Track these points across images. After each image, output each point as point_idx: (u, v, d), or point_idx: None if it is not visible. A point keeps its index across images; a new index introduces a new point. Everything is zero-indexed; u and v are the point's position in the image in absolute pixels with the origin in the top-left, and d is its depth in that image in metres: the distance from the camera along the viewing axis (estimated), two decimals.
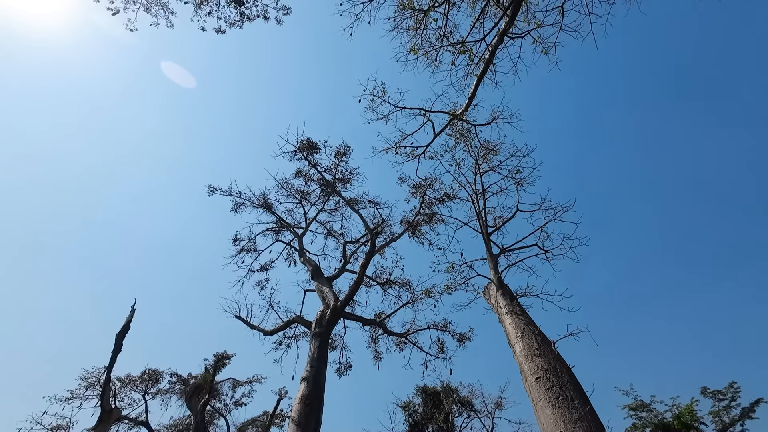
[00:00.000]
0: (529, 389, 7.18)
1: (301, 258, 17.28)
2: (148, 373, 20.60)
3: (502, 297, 9.16)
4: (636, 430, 19.97)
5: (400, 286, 17.74)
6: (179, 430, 21.57)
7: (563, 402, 6.51)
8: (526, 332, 8.00)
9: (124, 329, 11.06)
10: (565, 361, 7.50)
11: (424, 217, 15.79)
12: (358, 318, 16.73)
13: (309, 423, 11.24)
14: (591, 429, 6.10)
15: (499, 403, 23.70)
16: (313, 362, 12.66)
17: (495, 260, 10.12)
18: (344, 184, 16.80)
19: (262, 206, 17.13)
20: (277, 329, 16.30)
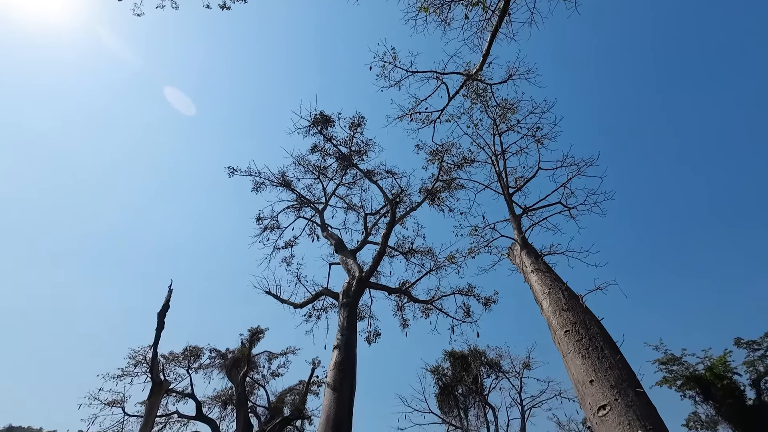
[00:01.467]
0: (558, 342, 7.26)
1: (324, 233, 17.58)
2: (189, 349, 21.84)
3: (527, 256, 9.13)
4: (667, 383, 20.02)
5: (422, 254, 17.90)
6: (223, 400, 22.96)
7: (593, 352, 6.57)
8: (553, 288, 8.01)
9: (164, 308, 11.70)
10: (593, 313, 7.51)
11: (443, 183, 15.67)
12: (383, 287, 17.08)
13: (344, 387, 11.79)
14: (622, 376, 6.16)
15: (527, 363, 24.09)
16: (344, 331, 13.12)
17: (518, 220, 10.02)
18: (360, 156, 16.76)
19: (281, 184, 17.34)
20: (306, 302, 16.86)
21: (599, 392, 6.03)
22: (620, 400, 5.77)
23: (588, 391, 6.20)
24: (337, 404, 11.19)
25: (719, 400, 18.32)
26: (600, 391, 6.01)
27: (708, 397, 18.93)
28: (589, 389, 6.17)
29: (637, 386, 6.10)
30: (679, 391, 19.62)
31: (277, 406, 22.48)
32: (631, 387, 6.03)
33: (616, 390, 5.92)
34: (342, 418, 10.85)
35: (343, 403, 11.24)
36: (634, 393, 5.92)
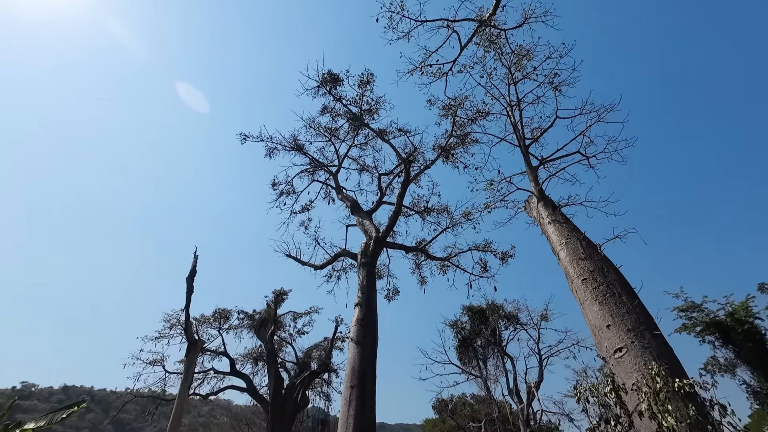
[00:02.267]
0: (575, 291, 7.33)
1: (339, 195, 17.69)
2: (218, 312, 23.04)
3: (544, 208, 9.04)
4: (686, 330, 20.14)
5: (438, 212, 17.90)
6: (254, 357, 24.44)
7: (610, 298, 6.63)
8: (571, 238, 7.97)
9: (192, 273, 12.26)
10: (611, 261, 7.50)
11: (457, 139, 15.33)
12: (400, 246, 17.32)
13: (367, 341, 12.35)
14: (639, 320, 6.24)
15: (545, 315, 24.48)
16: (364, 289, 13.54)
17: (535, 172, 9.82)
18: (371, 116, 16.43)
19: (293, 148, 17.30)
20: (325, 263, 17.33)
21: (616, 336, 6.14)
22: (636, 342, 5.87)
23: (605, 335, 6.32)
24: (361, 356, 11.78)
25: (739, 344, 18.41)
26: (617, 335, 6.12)
27: (727, 341, 19.03)
28: (606, 333, 6.29)
29: (654, 329, 6.17)
30: (698, 337, 19.76)
31: (304, 361, 23.81)
32: (648, 330, 6.11)
33: (632, 333, 6.02)
34: (366, 369, 11.45)
35: (366, 355, 11.81)
36: (651, 335, 6.01)
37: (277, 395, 20.15)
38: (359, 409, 10.78)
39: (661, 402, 3.06)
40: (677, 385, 3.26)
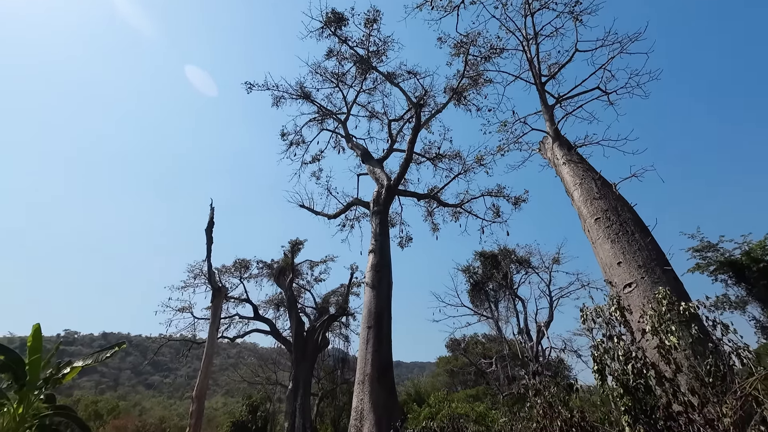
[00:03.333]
0: (587, 230, 7.33)
1: (349, 144, 17.46)
2: (238, 262, 24.00)
3: (559, 148, 8.79)
4: (699, 269, 20.17)
5: (450, 158, 17.61)
6: (275, 303, 25.78)
7: (623, 236, 6.63)
8: (585, 178, 7.83)
9: (210, 224, 12.63)
10: (626, 200, 7.39)
11: (470, 80, 14.65)
12: (412, 194, 17.31)
13: (382, 286, 12.81)
14: (651, 257, 6.27)
15: (557, 259, 24.76)
16: (377, 236, 13.79)
17: (550, 111, 9.43)
18: (379, 58, 15.68)
19: (300, 96, 16.86)
20: (338, 212, 17.55)
21: (626, 272, 6.22)
22: (647, 277, 5.95)
23: (615, 272, 6.41)
24: (377, 299, 12.30)
25: (752, 282, 18.45)
26: (627, 271, 6.20)
27: (741, 279, 19.07)
28: (617, 270, 6.37)
29: (666, 265, 6.21)
30: (711, 276, 19.83)
31: (323, 306, 25.04)
32: (659, 266, 6.16)
33: (643, 269, 6.08)
34: (382, 310, 12.01)
35: (382, 298, 12.32)
36: (662, 271, 6.06)
37: (299, 337, 21.49)
38: (377, 347, 11.45)
39: (665, 322, 3.18)
40: (682, 308, 3.35)
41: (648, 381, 2.94)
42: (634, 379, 2.95)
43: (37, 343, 7.54)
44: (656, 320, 3.23)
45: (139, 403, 48.05)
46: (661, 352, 3.05)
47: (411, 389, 29.14)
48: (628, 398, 2.93)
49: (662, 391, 2.91)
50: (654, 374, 2.94)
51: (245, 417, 22.62)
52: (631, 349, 3.12)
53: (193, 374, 78.22)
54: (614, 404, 2.96)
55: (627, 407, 2.97)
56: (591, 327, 3.62)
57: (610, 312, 3.67)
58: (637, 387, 2.95)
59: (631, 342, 3.30)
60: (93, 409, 27.81)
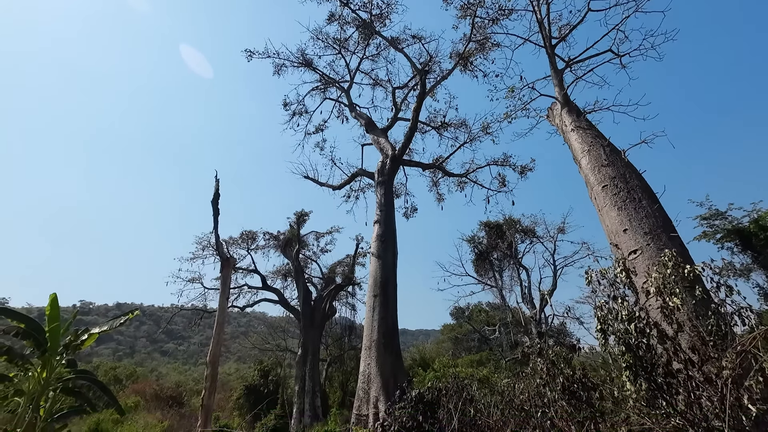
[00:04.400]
0: (594, 198, 7.28)
1: (352, 113, 17.17)
2: (245, 233, 24.28)
3: (568, 114, 8.58)
4: (706, 237, 20.06)
5: (455, 127, 17.32)
6: (282, 273, 26.26)
7: (630, 203, 6.58)
8: (594, 145, 7.69)
9: (216, 196, 12.68)
10: (634, 167, 7.28)
11: (476, 44, 14.15)
12: (417, 164, 17.17)
13: (387, 255, 12.96)
14: (657, 223, 6.23)
15: (562, 228, 24.75)
16: (382, 207, 13.81)
17: (560, 76, 9.13)
18: (382, 21, 15.12)
19: (302, 64, 16.44)
20: (343, 183, 17.52)
21: (632, 239, 6.22)
22: (652, 244, 5.95)
23: (621, 239, 6.40)
24: (383, 269, 12.49)
25: (759, 250, 18.38)
26: (633, 238, 6.19)
27: (747, 247, 18.98)
28: (622, 237, 6.36)
29: (672, 231, 6.19)
30: (718, 244, 19.75)
31: (329, 276, 25.47)
32: (665, 232, 6.14)
33: (649, 236, 6.07)
34: (387, 279, 12.22)
35: (387, 267, 12.51)
36: (668, 237, 6.05)
37: (306, 306, 22.03)
38: (383, 314, 11.75)
39: (669, 284, 3.22)
40: (686, 270, 3.38)
41: (650, 340, 3.02)
42: (636, 338, 3.02)
43: (54, 311, 7.82)
44: (661, 282, 3.25)
45: (156, 369, 50.19)
46: (665, 312, 3.11)
47: (416, 355, 30.06)
48: (629, 355, 3.02)
49: (663, 350, 2.99)
50: (656, 333, 3.01)
51: (257, 381, 23.61)
52: (635, 309, 3.18)
53: (205, 342, 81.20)
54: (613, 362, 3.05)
55: (628, 364, 3.06)
56: (595, 288, 3.67)
57: (616, 273, 3.71)
58: (639, 345, 3.02)
59: (635, 303, 3.35)
60: (112, 374, 29.14)
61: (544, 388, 3.37)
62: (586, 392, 3.16)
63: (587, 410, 3.04)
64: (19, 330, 7.42)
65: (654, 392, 2.87)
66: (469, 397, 4.36)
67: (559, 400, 3.19)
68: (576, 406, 3.13)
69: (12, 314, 7.62)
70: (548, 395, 3.31)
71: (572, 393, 3.20)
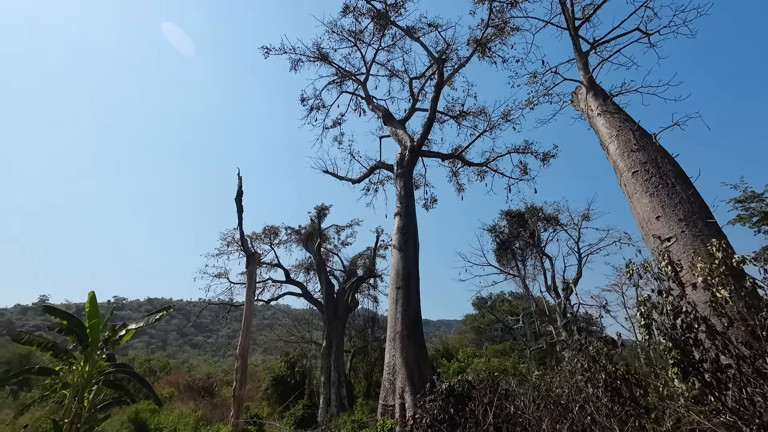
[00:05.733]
0: (624, 185, 7.04)
1: (369, 105, 17.10)
2: (268, 229, 24.72)
3: (594, 98, 8.29)
4: (741, 221, 19.18)
5: (474, 115, 17.03)
6: (305, 267, 26.65)
7: (662, 189, 6.34)
8: (622, 129, 7.42)
9: (239, 193, 12.94)
10: (666, 151, 7.00)
11: (495, 29, 13.78)
12: (436, 154, 17.00)
13: (408, 247, 12.95)
14: (693, 210, 5.99)
15: (586, 215, 24.12)
16: (402, 199, 13.78)
17: (584, 58, 8.80)
18: (397, 11, 14.91)
19: (318, 58, 16.44)
20: (362, 177, 17.55)
21: (665, 226, 5.99)
22: (687, 231, 5.72)
23: (653, 227, 6.19)
24: (404, 261, 12.50)
25: None
26: (666, 225, 5.97)
27: None
28: (655, 225, 6.15)
29: (708, 218, 5.94)
30: (754, 227, 18.85)
31: (351, 269, 25.70)
32: (701, 219, 5.89)
33: (684, 223, 5.83)
34: (409, 271, 12.23)
35: (409, 259, 12.51)
36: (704, 224, 5.81)
37: (329, 299, 22.34)
38: (405, 306, 11.79)
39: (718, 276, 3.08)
40: (734, 260, 3.23)
41: (697, 335, 2.91)
42: (682, 333, 2.92)
43: (93, 308, 8.19)
44: (707, 273, 3.12)
45: (187, 360, 52.13)
46: (713, 306, 2.99)
47: (439, 345, 30.13)
48: (676, 351, 2.92)
49: (712, 345, 2.88)
50: (705, 328, 2.90)
51: (284, 372, 24.19)
52: (680, 303, 3.07)
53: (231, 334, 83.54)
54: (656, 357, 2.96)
55: (676, 360, 2.97)
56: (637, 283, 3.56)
57: (660, 267, 3.58)
58: (686, 341, 2.92)
59: (680, 296, 3.23)
60: (147, 366, 30.42)
61: (586, 384, 3.31)
62: (630, 389, 3.09)
63: (631, 407, 2.97)
64: (63, 326, 7.83)
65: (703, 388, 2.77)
66: (503, 392, 4.32)
67: (602, 397, 3.12)
68: (619, 402, 3.07)
69: (56, 312, 8.03)
70: (589, 391, 3.25)
71: (615, 389, 3.14)
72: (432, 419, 4.45)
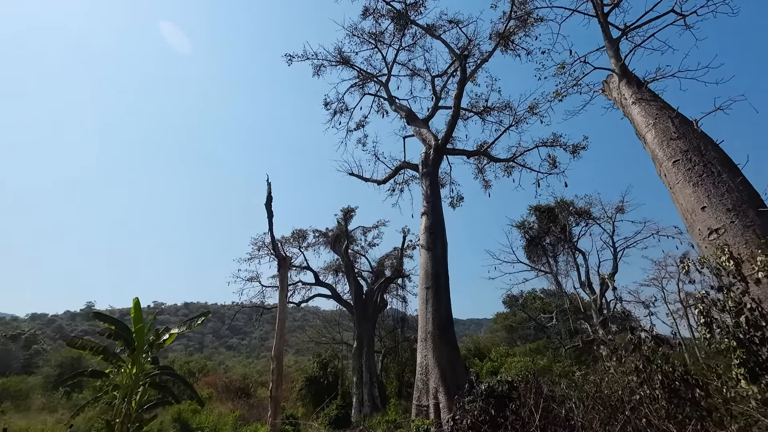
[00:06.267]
0: (664, 175, 6.73)
1: (392, 106, 17.11)
2: (296, 232, 25.20)
3: (627, 86, 7.96)
4: None
5: (499, 110, 16.73)
6: (333, 269, 26.97)
7: (707, 178, 6.01)
8: (660, 117, 7.09)
9: (269, 199, 13.20)
10: (710, 138, 6.63)
11: (517, 21, 13.50)
12: (461, 152, 16.82)
13: (437, 247, 12.87)
14: (742, 198, 5.65)
15: (621, 207, 23.21)
16: (428, 198, 13.71)
17: (615, 45, 8.47)
18: (417, 10, 14.86)
19: (340, 62, 16.61)
20: (387, 177, 17.59)
21: (712, 217, 5.69)
22: (737, 221, 5.40)
23: (698, 218, 5.88)
24: (433, 260, 12.43)
25: None
26: (713, 216, 5.66)
27: None
28: (700, 216, 5.84)
29: (761, 206, 5.59)
30: None
31: (378, 270, 25.79)
32: (752, 207, 5.55)
33: (732, 213, 5.52)
34: (438, 271, 12.15)
35: (437, 259, 12.43)
36: (755, 213, 5.47)
37: (358, 300, 22.51)
38: (436, 306, 11.72)
39: None
40: None
41: (765, 333, 2.74)
42: (747, 331, 2.76)
43: (138, 314, 8.60)
44: None
45: (223, 362, 53.83)
46: None
47: (470, 345, 29.75)
48: (741, 351, 2.76)
49: None
50: None
51: (317, 373, 24.56)
52: (744, 300, 2.90)
53: (264, 336, 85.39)
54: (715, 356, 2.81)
55: (741, 360, 2.81)
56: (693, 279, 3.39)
57: (719, 262, 3.39)
58: (752, 339, 2.76)
59: (742, 293, 3.05)
60: (186, 368, 31.63)
61: (641, 386, 3.18)
62: (690, 390, 2.94)
63: (692, 409, 2.83)
64: (111, 331, 8.27)
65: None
66: (551, 393, 4.21)
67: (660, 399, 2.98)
68: (678, 404, 2.92)
69: (104, 318, 8.48)
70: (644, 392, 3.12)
71: (673, 390, 3.00)
72: (473, 420, 4.40)
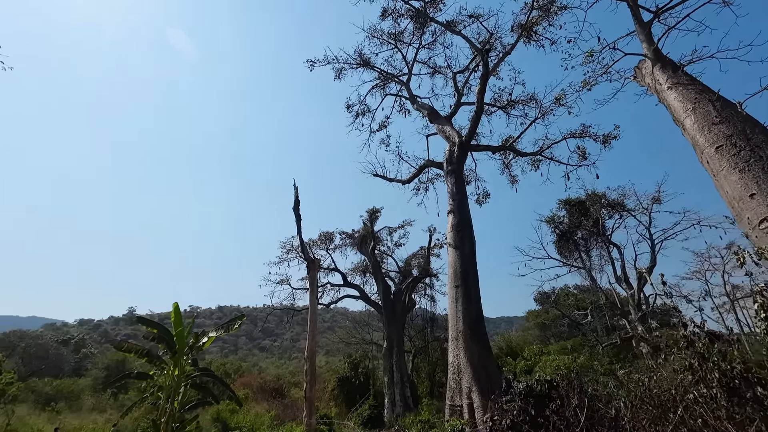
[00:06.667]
0: (706, 162, 6.38)
1: (414, 105, 17.06)
2: (323, 235, 25.55)
3: (662, 71, 7.60)
4: None
5: (524, 103, 16.35)
6: (361, 270, 27.15)
7: (755, 164, 5.66)
8: (699, 102, 6.73)
9: (296, 203, 13.51)
10: (756, 120, 6.24)
11: (540, 11, 13.16)
12: (486, 147, 16.55)
13: (464, 244, 12.72)
14: None
15: (657, 198, 22.16)
16: (454, 196, 13.57)
17: (647, 29, 8.10)
18: (436, 6, 14.74)
19: (360, 64, 16.72)
20: (412, 177, 17.54)
21: (762, 205, 5.35)
22: None
23: (747, 206, 5.55)
24: (461, 259, 12.29)
25: None
26: (764, 203, 5.32)
27: None
28: (749, 204, 5.51)
29: None
30: None
31: (406, 270, 25.75)
32: None
33: None
34: (467, 269, 12.00)
35: (465, 257, 12.28)
36: None
37: (387, 300, 22.56)
38: (466, 305, 11.58)
39: None
40: None
41: None
42: None
43: (178, 318, 8.96)
44: None
45: (257, 363, 55.28)
46: None
47: (502, 343, 29.24)
48: None
49: None
50: None
51: (348, 373, 24.80)
52: None
53: (295, 337, 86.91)
54: None
55: None
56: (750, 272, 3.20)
57: None
58: None
59: None
60: (223, 369, 32.69)
61: (696, 384, 3.01)
62: (752, 388, 2.77)
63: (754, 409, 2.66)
64: (154, 335, 8.66)
65: None
66: (595, 393, 4.06)
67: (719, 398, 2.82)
68: (737, 403, 2.76)
69: (147, 322, 8.89)
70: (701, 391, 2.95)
71: (732, 389, 2.83)
72: (512, 420, 4.30)
